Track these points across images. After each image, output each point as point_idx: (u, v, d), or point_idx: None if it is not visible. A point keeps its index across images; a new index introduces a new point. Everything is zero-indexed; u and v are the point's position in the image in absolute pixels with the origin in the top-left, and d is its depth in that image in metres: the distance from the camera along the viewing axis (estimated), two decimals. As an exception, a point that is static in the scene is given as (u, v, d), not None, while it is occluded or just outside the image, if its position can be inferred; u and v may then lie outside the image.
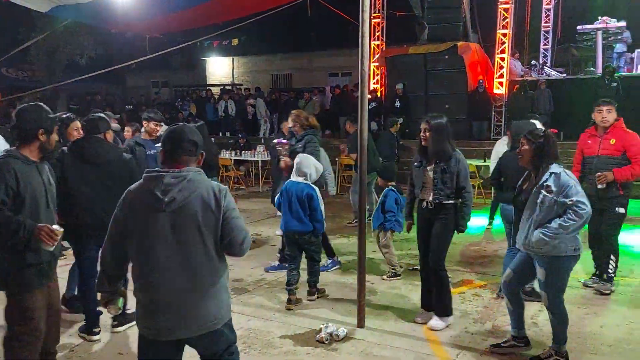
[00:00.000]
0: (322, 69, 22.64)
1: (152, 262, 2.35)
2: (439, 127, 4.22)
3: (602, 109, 5.01)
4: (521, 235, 3.69)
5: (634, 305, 4.88)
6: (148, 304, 2.41)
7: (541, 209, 3.52)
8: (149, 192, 2.36)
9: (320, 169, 5.02)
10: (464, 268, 6.06)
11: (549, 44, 15.76)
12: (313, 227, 4.87)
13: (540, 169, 3.59)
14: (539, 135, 3.66)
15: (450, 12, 13.39)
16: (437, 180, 4.21)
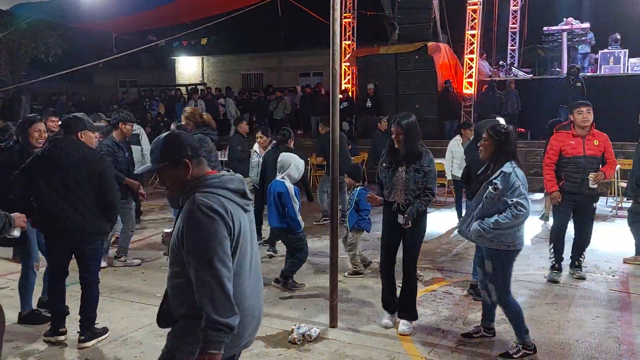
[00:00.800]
0: (293, 69, 22.58)
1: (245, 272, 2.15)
2: (410, 127, 4.14)
3: (582, 110, 5.15)
4: (463, 224, 3.84)
5: (599, 301, 4.98)
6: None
7: (485, 203, 3.67)
8: (241, 195, 2.14)
9: (301, 169, 5.06)
10: (435, 266, 6.10)
11: (516, 45, 16.09)
12: (287, 224, 5.02)
13: (496, 165, 3.70)
14: (501, 131, 3.75)
15: (420, 12, 13.52)
16: (409, 181, 4.13)
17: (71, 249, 3.96)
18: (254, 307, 2.18)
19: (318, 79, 20.74)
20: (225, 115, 16.57)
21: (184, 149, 2.12)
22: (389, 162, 4.24)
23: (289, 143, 6.55)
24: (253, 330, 2.21)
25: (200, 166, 2.15)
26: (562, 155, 5.25)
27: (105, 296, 5.06)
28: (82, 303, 4.02)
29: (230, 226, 2.02)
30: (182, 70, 25.65)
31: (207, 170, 2.16)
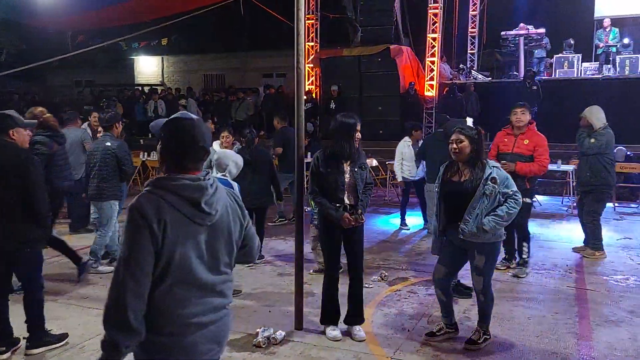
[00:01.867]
0: (256, 70, 22.43)
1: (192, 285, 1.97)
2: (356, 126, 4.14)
3: (517, 111, 5.53)
4: (468, 225, 3.77)
5: (558, 297, 5.11)
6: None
7: (489, 199, 3.76)
8: (192, 205, 1.92)
9: (240, 164, 4.95)
10: (399, 266, 6.14)
11: (475, 49, 16.43)
12: None
13: (478, 163, 3.80)
14: (473, 132, 3.85)
15: (382, 15, 13.63)
16: (358, 180, 4.10)
17: (5, 260, 3.76)
18: (205, 321, 1.99)
19: (281, 80, 20.67)
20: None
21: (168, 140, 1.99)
22: (334, 164, 4.04)
23: (256, 143, 6.47)
24: (210, 345, 2.04)
25: (181, 163, 1.96)
26: (498, 151, 5.64)
27: (62, 302, 4.87)
28: (25, 311, 3.87)
29: (157, 235, 1.83)
30: (141, 70, 25.10)
31: (187, 170, 1.96)
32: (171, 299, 1.90)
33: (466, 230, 3.78)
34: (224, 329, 2.10)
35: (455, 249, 3.96)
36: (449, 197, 3.92)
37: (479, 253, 3.86)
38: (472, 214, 3.76)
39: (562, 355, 3.90)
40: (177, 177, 1.95)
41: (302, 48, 4.23)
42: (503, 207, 3.75)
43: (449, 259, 4.01)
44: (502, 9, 15.83)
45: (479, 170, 3.78)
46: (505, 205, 3.76)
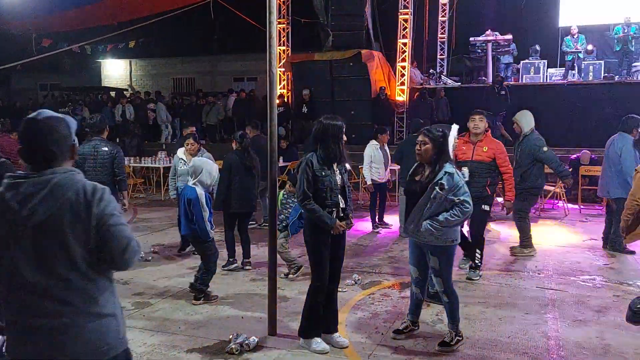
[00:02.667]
0: (227, 74, 22.26)
1: (15, 286, 1.94)
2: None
3: (475, 118, 5.54)
4: (411, 224, 3.92)
5: (527, 298, 5.19)
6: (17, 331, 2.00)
7: (433, 203, 3.81)
8: (3, 203, 1.94)
9: (215, 175, 4.92)
10: (372, 269, 6.15)
11: (444, 54, 16.68)
12: (193, 231, 4.85)
13: (436, 166, 3.86)
14: (438, 134, 3.91)
15: (353, 20, 13.71)
16: (346, 182, 4.10)
17: None
18: (35, 325, 1.94)
19: (252, 84, 20.56)
20: (155, 121, 16.03)
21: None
22: (327, 166, 3.90)
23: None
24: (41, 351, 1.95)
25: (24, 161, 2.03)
26: (456, 159, 5.57)
27: None
28: None
29: None
30: (109, 74, 24.61)
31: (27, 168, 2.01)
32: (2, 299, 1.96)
33: (409, 229, 3.94)
34: (64, 340, 1.95)
35: (417, 249, 4.08)
36: (408, 195, 4.09)
37: (432, 254, 3.94)
38: (415, 214, 3.88)
39: (533, 355, 3.95)
40: (9, 175, 2.01)
41: (275, 52, 4.19)
42: (445, 214, 3.79)
43: (415, 258, 4.12)
44: (471, 15, 16.13)
45: (433, 173, 3.86)
46: (449, 212, 3.79)
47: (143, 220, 9.08)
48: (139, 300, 5.09)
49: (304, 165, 3.86)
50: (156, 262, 6.45)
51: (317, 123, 3.97)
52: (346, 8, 13.68)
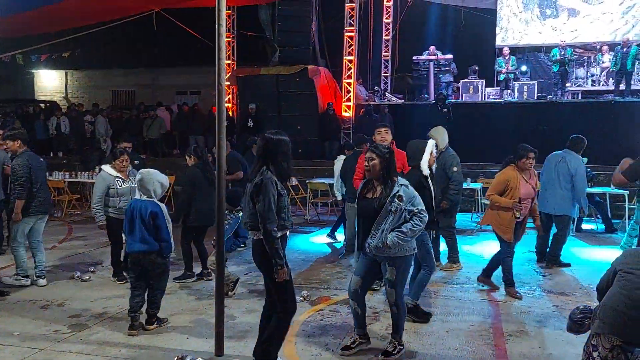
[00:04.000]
0: (169, 87, 21.78)
1: None
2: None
3: (381, 131, 5.72)
4: (374, 240, 3.91)
5: (473, 310, 5.28)
6: None
7: (394, 216, 3.88)
8: None
9: (166, 184, 4.72)
10: (321, 285, 6.08)
11: (388, 72, 17.09)
12: (159, 246, 4.55)
13: (389, 180, 3.93)
14: (385, 150, 3.99)
15: (300, 36, 13.82)
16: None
17: None
18: None
19: (195, 97, 20.22)
20: (93, 134, 15.41)
21: None
22: (283, 185, 3.77)
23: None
24: None
25: None
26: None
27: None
28: None
29: None
30: (43, 85, 23.49)
31: None
32: None
33: (372, 245, 3.92)
34: None
35: (369, 261, 4.09)
36: (363, 212, 4.06)
37: (390, 266, 3.98)
38: (378, 229, 3.90)
39: (481, 367, 4.00)
40: None
41: (224, 65, 4.10)
42: (408, 224, 3.89)
43: (364, 269, 4.12)
44: (413, 35, 16.66)
45: (388, 187, 3.91)
46: (410, 222, 3.90)
47: (78, 239, 8.62)
48: (76, 323, 4.80)
49: (269, 184, 3.57)
50: (93, 282, 6.12)
51: (262, 139, 3.75)
52: (293, 24, 13.78)
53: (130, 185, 6.00)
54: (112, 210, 5.95)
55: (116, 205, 5.95)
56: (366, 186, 4.10)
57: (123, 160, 6.05)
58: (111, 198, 5.93)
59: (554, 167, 6.86)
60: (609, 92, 13.47)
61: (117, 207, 5.94)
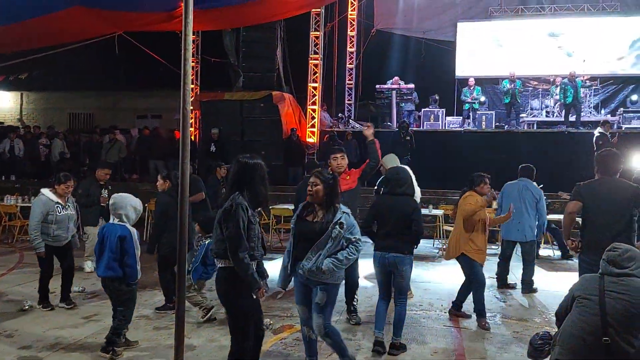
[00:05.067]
0: (129, 110, 21.40)
1: None
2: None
3: (337, 156, 5.58)
4: (309, 263, 3.86)
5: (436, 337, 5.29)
6: None
7: (333, 242, 3.86)
8: None
9: (139, 209, 4.60)
10: (284, 313, 5.98)
11: (352, 100, 17.36)
12: (123, 272, 4.41)
13: (332, 206, 3.94)
14: (329, 176, 4.02)
15: (265, 62, 13.92)
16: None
17: None
18: None
19: (157, 121, 19.96)
20: (48, 157, 14.93)
21: None
22: (254, 212, 3.71)
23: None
24: None
25: None
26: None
27: None
28: None
29: None
30: (-4, 106, 22.73)
31: None
32: None
33: (306, 268, 3.88)
34: None
35: (303, 286, 4.04)
36: (302, 234, 4.01)
37: (322, 290, 3.94)
38: (315, 253, 3.87)
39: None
40: None
41: (189, 89, 4.04)
42: (344, 252, 3.89)
43: (304, 297, 4.07)
44: (376, 64, 17.05)
45: (331, 213, 3.92)
46: (346, 250, 3.89)
47: (31, 265, 8.24)
48: (26, 355, 4.55)
49: (239, 209, 3.48)
50: (46, 313, 5.82)
51: (237, 163, 3.70)
52: (257, 50, 13.88)
53: (69, 213, 5.78)
54: (47, 237, 5.68)
55: (52, 232, 5.68)
56: (306, 209, 4.08)
57: (69, 186, 5.82)
58: (48, 225, 5.66)
59: (518, 195, 7.06)
60: (562, 122, 14.06)
61: (53, 235, 5.68)
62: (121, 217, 4.46)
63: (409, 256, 4.72)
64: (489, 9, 16.96)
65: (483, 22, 16.93)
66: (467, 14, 17.06)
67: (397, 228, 4.67)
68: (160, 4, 7.89)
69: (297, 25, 14.56)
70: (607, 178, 4.56)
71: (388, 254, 4.67)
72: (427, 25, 17.37)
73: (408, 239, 4.70)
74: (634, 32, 15.99)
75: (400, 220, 4.67)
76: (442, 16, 17.24)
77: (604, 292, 3.05)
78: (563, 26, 16.42)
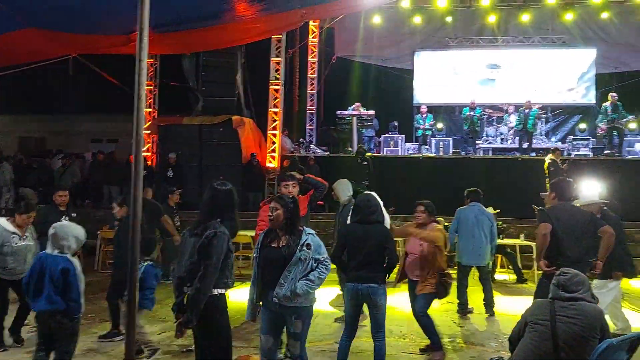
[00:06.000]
0: (84, 134, 20.87)
1: None
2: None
3: (289, 184, 5.35)
4: (283, 289, 3.80)
5: None
6: None
7: (303, 264, 3.86)
8: None
9: (82, 239, 4.36)
10: (241, 344, 5.81)
11: (313, 125, 17.47)
12: (66, 306, 4.15)
13: (295, 230, 3.94)
14: (289, 200, 4.03)
15: (225, 87, 13.86)
16: None
17: None
18: None
19: (112, 146, 19.48)
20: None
21: None
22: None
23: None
24: None
25: None
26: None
27: None
28: None
29: None
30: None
31: None
32: None
33: (280, 295, 3.81)
34: None
35: (273, 315, 3.96)
36: (268, 262, 3.95)
37: (296, 318, 3.91)
38: (287, 278, 3.83)
39: None
40: None
41: (143, 114, 3.94)
42: (315, 272, 3.88)
43: (272, 326, 4.00)
44: (337, 90, 17.26)
45: (295, 236, 3.90)
46: (317, 270, 3.89)
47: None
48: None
49: (225, 239, 3.52)
50: None
51: (213, 190, 3.69)
52: (218, 74, 13.84)
53: (27, 244, 5.45)
54: (1, 270, 5.32)
55: (7, 265, 5.31)
56: (269, 235, 4.04)
57: (31, 217, 5.49)
58: (4, 257, 5.29)
59: (475, 220, 7.16)
60: (515, 149, 14.52)
61: (8, 267, 5.32)
62: (62, 249, 4.19)
63: (383, 286, 4.59)
64: (445, 39, 17.48)
65: (440, 51, 17.45)
66: (425, 44, 17.54)
67: (371, 257, 4.52)
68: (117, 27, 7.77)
69: (258, 51, 14.60)
70: (566, 203, 4.79)
71: (362, 285, 4.51)
72: (387, 54, 17.76)
73: (382, 269, 4.58)
74: (582, 64, 16.82)
75: (374, 250, 4.53)
76: (401, 45, 17.67)
77: (555, 316, 3.10)
78: (516, 57, 17.12)
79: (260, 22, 8.95)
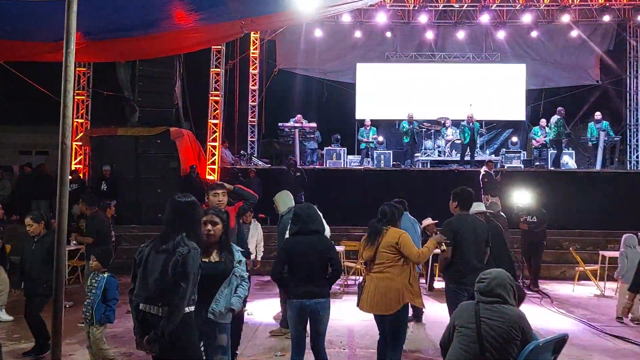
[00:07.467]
0: (11, 146, 19.74)
1: None
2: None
3: (218, 192, 5.15)
4: (219, 305, 3.77)
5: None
6: None
7: (236, 280, 3.88)
8: None
9: None
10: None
11: (255, 137, 17.31)
12: None
13: (229, 245, 3.95)
14: (225, 215, 4.02)
15: (162, 97, 13.48)
16: None
17: None
18: None
19: (43, 158, 18.52)
20: None
21: None
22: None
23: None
24: None
25: None
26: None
27: None
28: None
29: None
30: None
31: None
32: None
33: (217, 310, 3.74)
34: None
35: (207, 331, 3.82)
36: (204, 277, 3.68)
37: (220, 333, 3.88)
38: (222, 293, 3.79)
39: None
40: None
41: (70, 123, 3.72)
42: (240, 289, 3.91)
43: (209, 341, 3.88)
44: (279, 102, 17.22)
45: (228, 252, 3.88)
46: (241, 287, 3.91)
47: None
48: None
49: (198, 256, 3.37)
50: None
51: (175, 202, 3.47)
52: (155, 85, 13.44)
53: None
54: None
55: None
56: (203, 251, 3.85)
57: None
58: None
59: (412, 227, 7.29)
60: (453, 161, 14.97)
61: None
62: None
63: (329, 299, 4.40)
64: (385, 54, 17.90)
65: (381, 63, 17.82)
66: (366, 57, 17.88)
67: (314, 270, 4.31)
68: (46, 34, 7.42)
69: (198, 61, 14.36)
70: (467, 214, 5.22)
71: (309, 301, 4.26)
72: (329, 67, 17.96)
73: (326, 282, 4.39)
74: (513, 80, 17.66)
75: (316, 261, 4.31)
76: (343, 59, 17.93)
77: (480, 319, 3.16)
78: (453, 72, 17.76)
79: (199, 32, 8.79)
